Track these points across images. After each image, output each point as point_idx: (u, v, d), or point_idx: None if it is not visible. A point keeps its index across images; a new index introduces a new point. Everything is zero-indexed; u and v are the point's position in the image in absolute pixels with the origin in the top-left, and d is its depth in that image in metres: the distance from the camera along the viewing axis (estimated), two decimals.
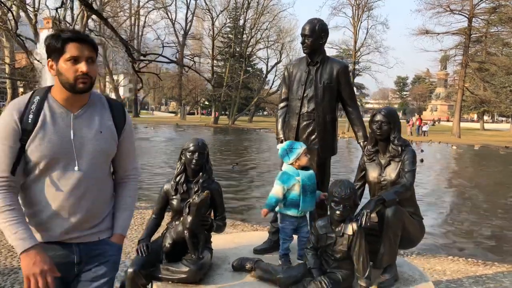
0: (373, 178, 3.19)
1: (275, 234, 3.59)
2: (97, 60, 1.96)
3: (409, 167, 3.03)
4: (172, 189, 3.07)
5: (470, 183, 13.28)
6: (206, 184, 3.05)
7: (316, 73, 3.55)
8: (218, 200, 3.13)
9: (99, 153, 1.96)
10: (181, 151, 3.10)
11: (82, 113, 1.95)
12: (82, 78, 1.86)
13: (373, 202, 2.79)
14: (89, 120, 1.96)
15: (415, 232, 3.07)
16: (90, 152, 1.93)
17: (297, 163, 3.15)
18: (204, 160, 3.06)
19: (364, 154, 3.31)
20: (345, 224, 2.73)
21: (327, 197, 2.80)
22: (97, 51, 1.93)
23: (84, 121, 1.94)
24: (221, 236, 3.79)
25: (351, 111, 3.65)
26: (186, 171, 3.08)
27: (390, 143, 3.12)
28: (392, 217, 2.81)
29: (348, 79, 3.60)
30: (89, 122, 1.95)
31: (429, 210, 8.89)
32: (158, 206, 3.17)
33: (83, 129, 1.93)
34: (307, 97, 3.56)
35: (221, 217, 3.16)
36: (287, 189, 3.10)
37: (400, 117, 64.10)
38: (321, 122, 3.55)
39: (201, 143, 3.06)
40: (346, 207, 2.69)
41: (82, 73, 1.85)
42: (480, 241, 6.90)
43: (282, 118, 3.76)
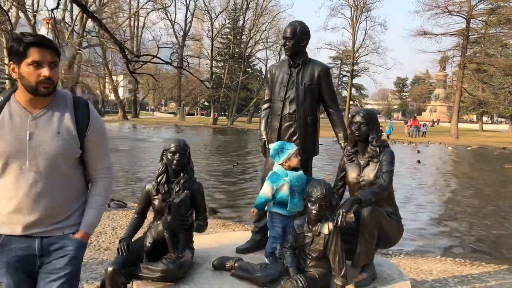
0: (352, 179, 3.24)
1: (258, 233, 3.65)
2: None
3: (386, 168, 3.08)
4: (154, 189, 3.12)
5: (463, 183, 13.33)
6: (187, 185, 3.09)
7: (297, 75, 3.60)
8: (200, 200, 3.17)
9: (57, 154, 2.00)
10: (163, 151, 3.15)
11: (41, 114, 2.00)
12: (45, 83, 1.91)
13: (349, 202, 2.85)
14: (48, 121, 2.00)
15: (393, 231, 3.12)
16: (47, 153, 1.97)
17: (287, 164, 3.21)
18: (185, 160, 3.11)
19: (344, 155, 3.36)
20: (322, 223, 2.78)
21: (305, 197, 2.85)
22: (59, 56, 1.97)
23: (42, 122, 1.99)
24: (205, 236, 3.85)
25: (332, 112, 3.70)
26: (168, 171, 3.13)
27: (369, 144, 3.17)
28: (368, 217, 2.86)
29: (329, 81, 3.65)
30: (48, 123, 1.99)
31: (419, 212, 8.94)
32: (140, 206, 3.22)
33: (40, 130, 1.97)
34: (288, 98, 3.61)
35: (203, 217, 3.21)
36: (276, 189, 3.17)
37: (400, 118, 64.12)
38: (302, 124, 3.60)
39: (182, 143, 3.11)
40: (322, 206, 2.73)
41: (45, 77, 1.90)
42: (470, 242, 6.94)
43: (265, 119, 3.83)
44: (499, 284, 4.73)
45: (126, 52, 9.31)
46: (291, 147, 3.24)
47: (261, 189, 3.32)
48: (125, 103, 69.05)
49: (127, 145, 21.67)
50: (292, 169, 3.22)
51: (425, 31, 39.71)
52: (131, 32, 54.52)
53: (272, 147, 3.29)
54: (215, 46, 54.49)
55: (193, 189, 3.11)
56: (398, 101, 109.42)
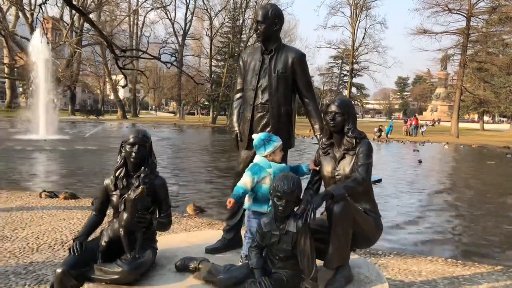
0: (327, 173, 3.00)
1: (229, 232, 3.42)
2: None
3: (362, 161, 2.84)
4: (112, 184, 2.88)
5: (459, 182, 13.10)
6: (148, 179, 2.86)
7: (270, 62, 3.36)
8: (162, 196, 2.94)
9: None
10: (121, 143, 2.92)
11: None
12: None
13: (320, 197, 2.61)
14: None
15: (370, 229, 2.87)
16: None
17: (271, 157, 2.97)
18: (145, 153, 2.88)
19: (319, 148, 3.12)
20: (289, 221, 2.54)
21: (271, 191, 2.61)
22: None
23: None
24: (175, 235, 3.62)
25: (308, 102, 3.45)
26: (127, 165, 2.90)
27: (344, 135, 2.94)
28: (341, 213, 2.62)
29: (304, 69, 3.40)
30: None
31: (417, 210, 8.70)
32: (98, 202, 2.98)
33: None
34: (261, 87, 3.37)
35: (166, 214, 2.97)
36: (257, 182, 2.92)
37: (401, 117, 63.97)
38: (276, 114, 3.36)
39: (142, 134, 2.87)
40: (289, 202, 2.50)
41: None
42: (463, 242, 6.70)
43: (237, 110, 3.59)
44: (491, 286, 4.49)
45: (114, 48, 9.10)
46: (278, 140, 3.00)
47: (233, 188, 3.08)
48: (125, 102, 69.05)
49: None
50: None
51: (425, 29, 39.48)
52: (131, 31, 54.45)
53: (258, 137, 3.03)
54: (215, 45, 54.25)
55: (154, 184, 2.88)
56: (399, 100, 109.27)
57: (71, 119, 44.65)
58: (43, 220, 6.28)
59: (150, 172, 2.89)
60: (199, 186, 10.41)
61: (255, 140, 3.03)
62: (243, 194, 2.89)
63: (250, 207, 2.96)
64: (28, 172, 11.57)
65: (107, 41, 8.99)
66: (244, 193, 2.90)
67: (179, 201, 8.38)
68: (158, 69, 66.16)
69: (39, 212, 6.76)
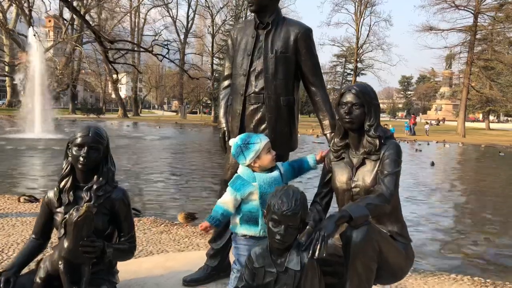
0: (341, 184, 2.27)
1: (214, 258, 2.69)
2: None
3: (390, 169, 2.11)
4: (55, 199, 2.17)
5: (473, 186, 12.33)
6: (102, 192, 2.15)
7: (266, 39, 2.62)
8: (123, 214, 2.23)
9: None
10: (67, 144, 2.20)
11: None
12: None
13: (333, 220, 1.88)
14: None
15: (399, 261, 2.15)
16: None
17: (257, 164, 2.25)
18: (98, 157, 2.16)
19: (330, 150, 2.39)
20: (291, 254, 1.82)
21: (265, 213, 1.89)
22: None
23: None
24: (150, 258, 2.90)
25: (315, 91, 2.70)
26: (75, 173, 2.19)
27: (364, 134, 2.21)
28: (361, 243, 1.89)
29: (310, 47, 2.66)
30: None
31: (425, 216, 7.96)
32: (38, 223, 2.27)
33: None
34: (254, 72, 2.63)
35: (128, 238, 2.26)
36: (242, 200, 2.21)
37: (405, 116, 63.31)
38: (273, 107, 2.62)
39: (93, 132, 2.16)
40: (290, 228, 1.79)
41: None
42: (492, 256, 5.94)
43: (224, 102, 2.85)
44: None
45: (103, 40, 8.39)
46: (259, 140, 2.27)
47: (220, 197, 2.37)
48: (127, 101, 68.61)
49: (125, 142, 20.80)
50: (267, 170, 2.27)
51: (431, 26, 38.63)
52: (132, 29, 53.89)
53: (233, 143, 2.33)
54: (217, 43, 53.58)
55: (112, 199, 2.17)
56: (403, 99, 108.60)
57: (72, 117, 44.16)
58: (15, 230, 5.58)
59: (105, 182, 2.17)
60: (196, 190, 9.72)
61: (232, 147, 2.32)
62: (223, 217, 2.18)
63: (237, 230, 2.25)
64: (14, 173, 10.90)
65: (94, 32, 8.30)
66: (225, 216, 2.19)
67: (172, 207, 7.69)
68: (160, 68, 65.77)
69: (12, 220, 6.06)
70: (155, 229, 5.89)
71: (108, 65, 49.75)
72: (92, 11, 42.82)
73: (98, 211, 2.12)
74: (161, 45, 7.47)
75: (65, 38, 34.51)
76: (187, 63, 55.51)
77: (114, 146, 18.92)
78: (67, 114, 46.20)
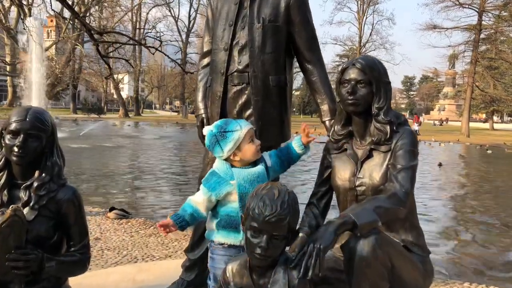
0: (343, 181, 1.84)
1: (190, 270, 2.27)
2: None
3: (404, 162, 1.68)
4: None
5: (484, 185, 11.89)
6: (45, 191, 1.73)
7: (251, 6, 2.19)
8: (72, 218, 1.80)
9: None
10: (0, 131, 1.78)
11: None
12: None
13: (332, 229, 1.45)
14: None
15: (415, 278, 1.71)
16: None
17: (238, 157, 1.82)
18: (38, 147, 1.74)
19: (329, 141, 1.96)
20: (276, 272, 1.40)
21: (242, 220, 1.46)
22: None
23: None
24: (120, 268, 2.48)
25: (312, 69, 2.25)
26: (11, 167, 1.76)
27: (372, 119, 1.78)
28: (369, 256, 1.46)
29: (306, 15, 2.23)
30: None
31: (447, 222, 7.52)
32: None
33: None
34: (237, 45, 2.20)
35: (79, 248, 1.83)
36: (218, 201, 1.79)
37: (407, 116, 63.26)
38: (260, 87, 2.17)
39: (32, 116, 1.73)
40: (275, 239, 1.36)
41: None
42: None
43: (203, 84, 2.40)
44: None
45: (93, 32, 8.01)
46: (240, 127, 1.83)
47: None
48: (129, 101, 68.43)
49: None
50: (250, 165, 1.84)
51: (435, 25, 38.22)
52: (133, 28, 53.73)
53: (207, 131, 1.89)
54: None
55: (57, 200, 1.75)
56: (406, 100, 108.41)
57: (73, 117, 43.98)
58: None
59: (49, 179, 1.75)
60: (190, 190, 9.34)
61: (206, 138, 1.89)
62: (191, 218, 1.75)
63: (213, 237, 1.82)
64: None
65: (83, 23, 7.94)
66: (194, 217, 1.76)
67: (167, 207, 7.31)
68: (162, 68, 65.68)
69: None
70: (143, 232, 5.51)
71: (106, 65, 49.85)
72: (92, 10, 42.56)
73: (39, 215, 1.71)
74: (153, 37, 7.08)
75: (65, 36, 34.25)
76: (189, 63, 55.34)
77: (116, 145, 18.73)
78: (68, 114, 46.00)
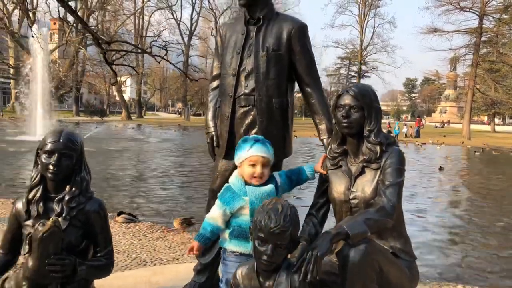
0: (339, 194, 2.08)
1: (201, 274, 2.50)
2: None
3: (392, 179, 1.91)
4: (23, 210, 1.98)
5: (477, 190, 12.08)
6: (75, 204, 1.96)
7: (257, 36, 2.44)
8: (98, 228, 2.04)
9: None
10: (37, 151, 2.01)
11: None
12: None
13: (328, 238, 1.68)
14: None
15: (402, 281, 1.94)
16: None
17: (240, 170, 2.07)
18: (70, 165, 1.97)
19: (326, 158, 2.20)
20: (280, 275, 1.63)
21: (251, 230, 1.69)
22: None
23: None
24: (135, 272, 2.71)
25: (310, 92, 2.50)
26: (46, 183, 2.00)
27: (364, 140, 2.02)
28: (360, 263, 1.69)
29: (305, 44, 2.48)
30: None
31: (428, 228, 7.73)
32: (7, 235, 2.08)
33: None
34: (244, 71, 2.45)
35: (105, 254, 2.06)
36: (231, 214, 2.03)
37: (409, 118, 62.92)
38: (265, 109, 2.43)
39: (65, 138, 1.96)
40: (279, 247, 1.59)
41: None
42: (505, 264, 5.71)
43: (213, 104, 2.66)
44: None
45: (100, 41, 8.24)
46: (248, 148, 2.05)
47: (208, 211, 2.18)
48: (131, 103, 68.76)
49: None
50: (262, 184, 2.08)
51: (436, 28, 38.38)
52: (135, 32, 53.97)
53: None
54: None
55: (86, 211, 1.98)
56: (408, 102, 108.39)
57: (76, 119, 44.19)
58: None
59: (78, 193, 1.98)
60: (196, 193, 9.55)
61: None
62: (212, 234, 1.99)
63: (227, 245, 2.06)
64: (12, 176, 10.75)
65: (91, 33, 8.17)
66: (214, 233, 2.01)
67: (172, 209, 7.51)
68: (164, 70, 65.93)
69: (4, 226, 5.90)
70: (150, 236, 5.72)
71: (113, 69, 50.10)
72: (95, 13, 42.91)
73: (70, 224, 1.94)
74: (159, 46, 7.29)
75: (69, 40, 34.54)
76: (191, 66, 55.62)
77: (121, 149, 18.95)
78: (71, 117, 46.24)
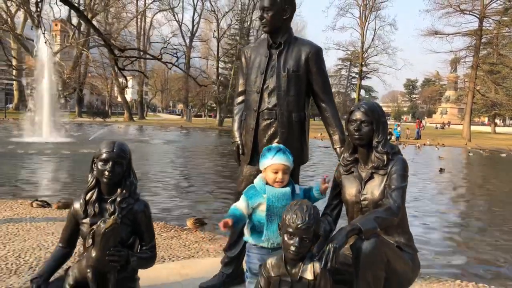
0: (351, 196, 2.41)
1: (228, 266, 2.84)
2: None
3: (397, 183, 2.25)
4: (81, 210, 2.32)
5: (476, 189, 12.39)
6: (126, 204, 2.30)
7: (278, 58, 2.80)
8: (144, 225, 2.37)
9: None
10: (92, 159, 2.35)
11: None
12: None
13: (344, 233, 2.02)
14: None
15: (405, 271, 2.28)
16: None
17: (264, 175, 2.40)
18: (121, 171, 2.31)
19: (340, 164, 2.53)
20: (304, 264, 1.96)
21: (280, 225, 2.03)
22: None
23: None
24: (166, 264, 3.04)
25: (325, 107, 2.87)
26: (100, 186, 2.33)
27: (373, 150, 2.35)
28: (370, 254, 2.03)
29: (321, 66, 2.83)
30: None
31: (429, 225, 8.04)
32: (65, 231, 2.42)
33: None
34: (267, 89, 2.81)
35: (149, 247, 2.40)
36: (252, 208, 2.36)
37: (409, 120, 62.93)
38: (285, 122, 2.79)
39: (117, 148, 2.30)
40: (304, 240, 1.92)
41: None
42: (496, 261, 6.02)
43: (238, 117, 3.03)
44: None
45: (113, 48, 8.57)
46: (272, 155, 2.36)
47: None
48: (133, 104, 69.09)
49: None
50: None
51: (436, 30, 38.70)
52: (138, 33, 54.30)
53: None
54: (222, 47, 53.86)
55: (134, 211, 2.31)
56: (408, 103, 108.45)
57: (78, 121, 44.47)
58: (29, 235, 5.72)
59: (128, 195, 2.32)
60: (203, 194, 9.84)
61: None
62: (240, 216, 2.32)
63: (248, 239, 2.41)
64: (25, 178, 11.06)
65: (105, 40, 8.50)
66: (241, 218, 2.33)
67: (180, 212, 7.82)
68: (166, 72, 66.28)
69: (27, 225, 6.20)
70: (165, 235, 5.97)
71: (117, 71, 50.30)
72: (98, 16, 43.20)
73: (121, 222, 2.27)
74: (170, 54, 7.62)
75: (72, 42, 34.85)
76: (193, 67, 55.85)
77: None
78: (73, 118, 46.53)
